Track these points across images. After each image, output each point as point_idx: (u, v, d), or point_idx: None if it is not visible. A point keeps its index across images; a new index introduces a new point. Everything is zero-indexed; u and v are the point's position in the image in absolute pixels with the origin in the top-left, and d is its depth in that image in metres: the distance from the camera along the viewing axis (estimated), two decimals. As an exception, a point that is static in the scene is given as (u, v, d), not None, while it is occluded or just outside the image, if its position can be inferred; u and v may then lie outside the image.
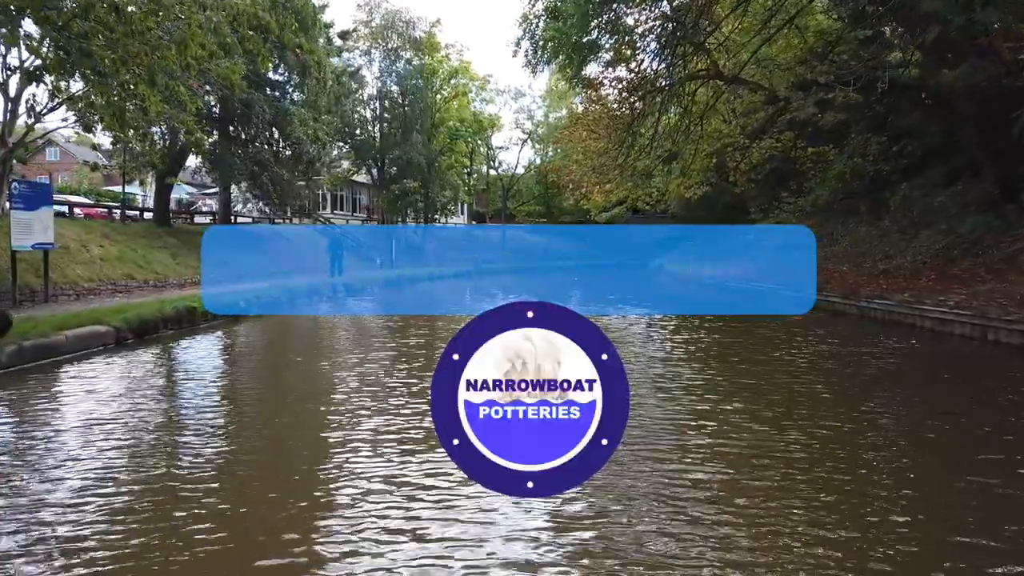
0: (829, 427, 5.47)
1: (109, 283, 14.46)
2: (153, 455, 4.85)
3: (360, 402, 6.35)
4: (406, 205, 36.06)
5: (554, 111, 50.34)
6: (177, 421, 5.80)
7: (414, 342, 10.86)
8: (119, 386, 7.12)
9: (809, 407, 6.22)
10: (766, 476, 4.32)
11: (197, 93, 12.95)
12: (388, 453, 4.83)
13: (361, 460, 4.68)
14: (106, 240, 16.25)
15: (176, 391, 7.14)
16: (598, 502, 3.89)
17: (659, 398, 6.53)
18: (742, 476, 4.35)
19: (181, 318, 11.28)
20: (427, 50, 37.17)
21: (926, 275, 13.42)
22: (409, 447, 4.96)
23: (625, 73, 17.70)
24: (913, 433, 5.47)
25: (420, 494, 4.02)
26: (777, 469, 4.44)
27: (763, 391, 6.88)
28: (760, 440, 5.08)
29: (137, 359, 8.80)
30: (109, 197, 33.76)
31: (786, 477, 4.30)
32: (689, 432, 5.32)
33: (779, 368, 8.15)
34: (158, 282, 16.15)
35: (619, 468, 4.35)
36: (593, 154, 18.34)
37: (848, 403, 6.38)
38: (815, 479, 4.26)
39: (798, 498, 3.95)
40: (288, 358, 9.87)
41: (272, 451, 5.08)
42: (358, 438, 5.18)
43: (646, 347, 10.16)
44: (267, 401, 6.82)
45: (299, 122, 20.66)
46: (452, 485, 4.11)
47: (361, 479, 4.30)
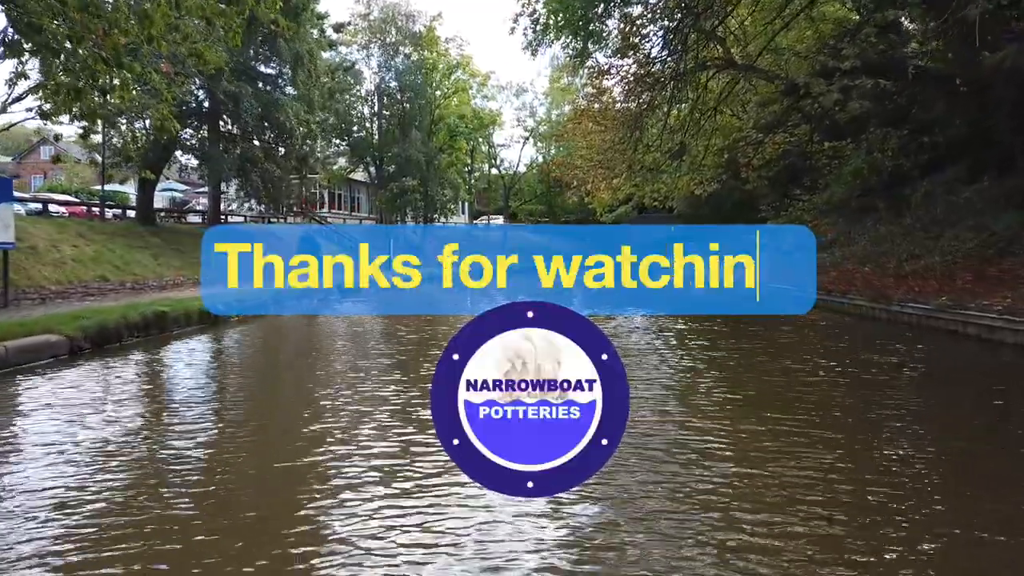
0: (913, 457, 4.44)
1: (80, 286, 13.48)
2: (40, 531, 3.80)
3: (365, 448, 4.90)
4: (405, 204, 35.10)
5: (556, 108, 49.34)
6: (106, 465, 4.78)
7: (413, 348, 9.86)
8: (45, 414, 6.04)
9: (872, 430, 5.19)
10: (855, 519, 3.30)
11: (172, 79, 11.92)
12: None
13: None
14: (81, 240, 15.29)
15: (122, 417, 6.12)
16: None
17: (703, 416, 5.50)
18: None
19: (149, 325, 10.29)
20: (427, 45, 36.21)
21: (961, 277, 12.37)
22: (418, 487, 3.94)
23: (632, 64, 16.66)
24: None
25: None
26: (867, 513, 3.42)
27: (821, 407, 5.84)
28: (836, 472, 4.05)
29: (87, 375, 7.78)
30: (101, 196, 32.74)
31: (874, 522, 3.28)
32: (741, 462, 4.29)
33: (823, 381, 7.11)
34: (136, 284, 15.17)
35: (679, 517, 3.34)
36: (597, 150, 17.29)
37: (921, 424, 5.35)
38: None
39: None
40: (268, 374, 8.86)
41: (241, 532, 3.85)
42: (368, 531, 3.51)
43: (669, 356, 9.12)
44: (233, 439, 5.79)
45: (292, 115, 19.63)
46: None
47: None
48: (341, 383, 7.32)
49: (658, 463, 4.41)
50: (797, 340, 10.40)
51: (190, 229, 22.05)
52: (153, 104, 11.69)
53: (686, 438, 5.06)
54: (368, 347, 10.28)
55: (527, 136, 52.63)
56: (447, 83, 39.70)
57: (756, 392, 6.87)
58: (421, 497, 3.85)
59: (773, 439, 4.97)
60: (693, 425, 5.42)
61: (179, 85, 14.27)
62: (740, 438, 5.08)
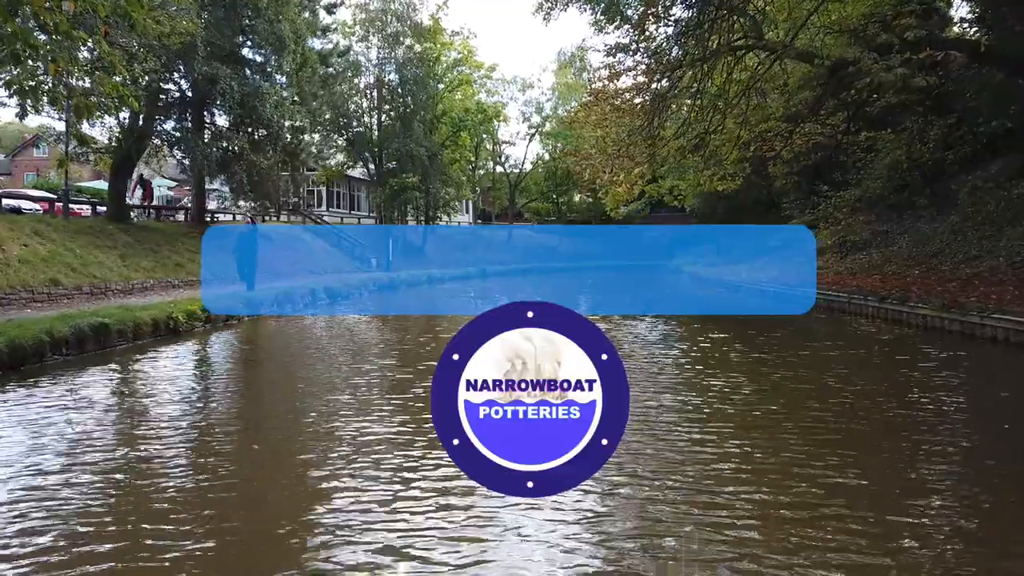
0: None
1: (26, 290, 11.76)
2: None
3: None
4: (405, 201, 33.32)
5: (564, 103, 47.47)
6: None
7: (401, 376, 8.09)
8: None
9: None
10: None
11: (116, 44, 10.21)
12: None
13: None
14: (35, 238, 13.58)
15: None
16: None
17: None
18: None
19: (84, 340, 8.55)
20: (431, 36, 34.43)
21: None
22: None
23: (652, 41, 14.87)
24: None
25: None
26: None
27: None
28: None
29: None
30: (90, 193, 31.07)
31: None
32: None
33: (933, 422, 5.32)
34: (95, 289, 13.44)
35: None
36: (614, 136, 15.47)
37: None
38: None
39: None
40: (217, 413, 7.09)
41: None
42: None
43: (731, 380, 7.33)
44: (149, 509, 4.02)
45: (274, 104, 17.85)
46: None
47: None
48: (345, 453, 4.97)
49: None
50: (886, 364, 8.59)
51: (169, 227, 20.33)
52: (107, 80, 9.97)
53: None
54: (363, 369, 8.52)
55: (533, 133, 50.82)
56: (451, 76, 37.92)
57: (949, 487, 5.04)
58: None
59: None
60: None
61: (141, 61, 12.57)
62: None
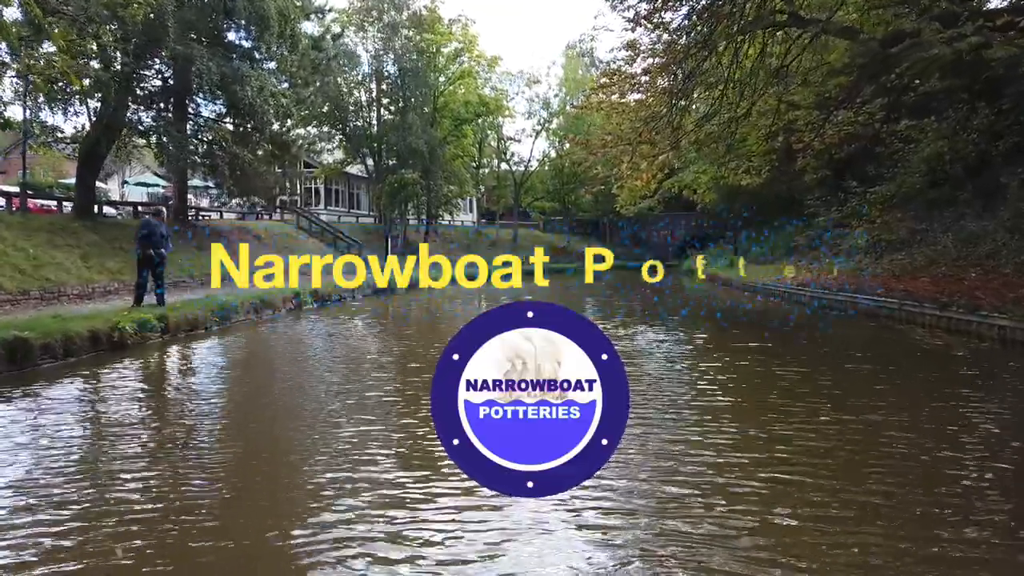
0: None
1: (-40, 296, 10.26)
2: None
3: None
4: (405, 198, 31.73)
5: (572, 99, 45.75)
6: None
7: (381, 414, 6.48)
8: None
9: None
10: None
11: (59, 11, 8.68)
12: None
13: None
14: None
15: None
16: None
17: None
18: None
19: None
20: (429, 26, 32.84)
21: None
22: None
23: (680, 16, 13.25)
24: None
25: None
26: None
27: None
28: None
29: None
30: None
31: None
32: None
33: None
34: (47, 293, 11.90)
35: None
36: (632, 123, 13.83)
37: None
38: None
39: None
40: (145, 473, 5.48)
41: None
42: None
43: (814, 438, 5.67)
44: None
45: (255, 88, 16.25)
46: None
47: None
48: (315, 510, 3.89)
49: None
50: (997, 391, 6.90)
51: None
52: (35, 54, 8.49)
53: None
54: (329, 401, 6.92)
55: (540, 128, 49.15)
56: (452, 68, 36.31)
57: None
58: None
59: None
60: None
61: (94, 35, 11.03)
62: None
